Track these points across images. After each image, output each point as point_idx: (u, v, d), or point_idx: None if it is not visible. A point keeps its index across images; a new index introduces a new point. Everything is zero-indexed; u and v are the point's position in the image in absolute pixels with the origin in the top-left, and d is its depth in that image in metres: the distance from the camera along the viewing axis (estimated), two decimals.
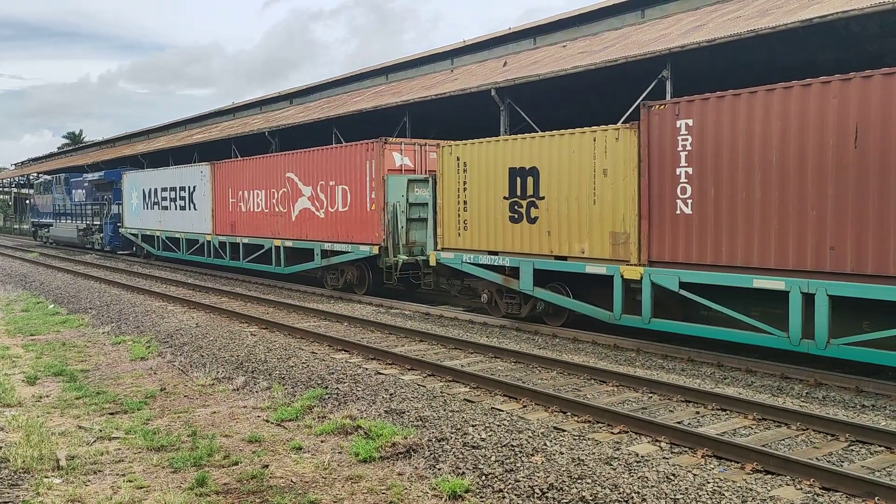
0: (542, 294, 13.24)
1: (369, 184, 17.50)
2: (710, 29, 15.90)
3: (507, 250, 13.69)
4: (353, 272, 18.57)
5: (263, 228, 21.90)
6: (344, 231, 18.47)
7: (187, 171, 26.71)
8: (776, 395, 9.08)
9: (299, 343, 12.64)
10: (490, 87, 18.94)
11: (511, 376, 10.06)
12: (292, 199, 20.52)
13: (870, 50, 14.99)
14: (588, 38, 21.88)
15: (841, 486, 6.07)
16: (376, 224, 17.32)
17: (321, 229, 19.32)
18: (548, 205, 12.95)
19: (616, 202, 11.88)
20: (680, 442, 7.22)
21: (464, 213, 14.55)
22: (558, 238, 12.81)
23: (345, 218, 18.42)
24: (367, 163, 17.56)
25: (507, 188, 13.65)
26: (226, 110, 43.29)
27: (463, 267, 14.57)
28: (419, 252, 17.28)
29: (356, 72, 34.17)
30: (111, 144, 56.86)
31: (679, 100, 11.09)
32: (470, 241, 14.46)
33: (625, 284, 11.71)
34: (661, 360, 11.05)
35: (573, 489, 6.12)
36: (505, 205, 13.72)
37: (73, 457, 7.26)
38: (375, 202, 17.34)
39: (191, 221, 26.14)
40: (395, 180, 17.33)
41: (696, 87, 16.76)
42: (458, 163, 14.62)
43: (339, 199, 18.62)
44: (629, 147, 11.64)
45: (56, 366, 11.40)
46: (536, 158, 13.12)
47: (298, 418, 8.53)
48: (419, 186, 17.42)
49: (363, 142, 17.79)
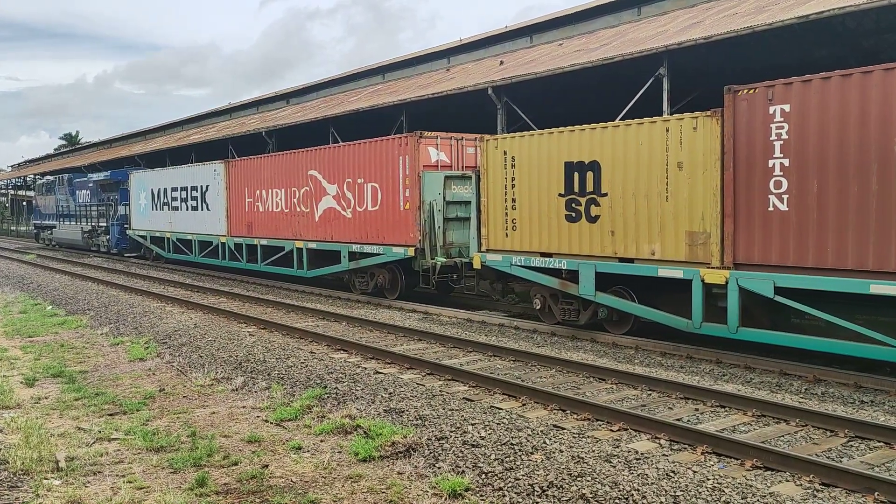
0: (605, 300, 12.13)
1: (402, 181, 16.45)
2: (706, 26, 15.90)
3: (563, 252, 12.65)
4: (384, 275, 17.52)
5: (284, 229, 20.87)
6: (374, 232, 17.44)
7: (199, 169, 25.66)
8: (775, 391, 9.09)
9: (298, 343, 12.64)
10: (487, 86, 18.94)
11: (510, 375, 10.07)
12: (315, 198, 19.49)
13: (865, 46, 15.01)
14: (584, 35, 21.88)
15: (840, 481, 6.09)
16: (411, 224, 16.29)
17: (348, 230, 18.30)
18: (611, 202, 11.91)
19: (693, 198, 10.85)
20: (679, 439, 7.23)
21: (512, 211, 13.51)
22: (623, 238, 11.78)
23: (375, 218, 17.38)
24: (400, 158, 16.47)
25: (562, 184, 12.60)
26: (223, 110, 43.25)
27: (512, 270, 13.52)
28: (457, 253, 16.34)
29: (353, 71, 34.15)
30: (108, 145, 56.78)
31: (773, 83, 9.92)
32: (519, 242, 13.44)
33: (705, 289, 10.65)
34: (659, 358, 11.06)
35: (573, 487, 6.12)
36: (560, 202, 12.66)
37: (72, 458, 7.25)
38: (410, 201, 16.29)
39: (203, 222, 25.16)
40: (432, 177, 16.24)
41: (694, 84, 16.80)
42: (505, 157, 13.57)
43: (369, 198, 17.56)
44: (710, 137, 10.57)
45: (55, 367, 11.38)
46: (597, 151, 12.07)
47: (298, 418, 8.53)
48: (457, 183, 16.49)
49: (395, 136, 16.83)
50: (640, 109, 15.67)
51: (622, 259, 11.89)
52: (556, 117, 18.42)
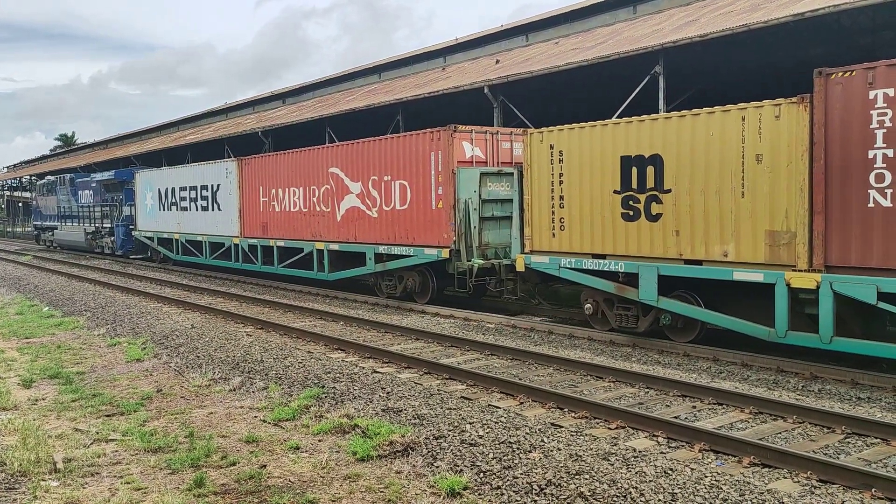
0: (670, 305, 11.20)
1: (435, 178, 15.51)
2: (702, 24, 15.92)
3: (618, 253, 11.78)
4: (414, 278, 16.51)
5: (302, 230, 19.83)
6: (403, 232, 16.47)
7: (210, 168, 24.73)
8: (772, 388, 9.11)
9: (295, 343, 12.63)
10: (483, 85, 18.94)
11: (508, 373, 10.07)
12: (337, 196, 18.46)
13: (861, 43, 15.05)
14: (580, 34, 21.89)
15: (838, 478, 6.10)
16: (444, 224, 15.35)
17: (374, 230, 17.29)
18: (675, 199, 11.01)
19: (775, 194, 9.88)
20: (677, 436, 7.24)
21: (559, 210, 12.61)
22: (690, 238, 10.87)
23: (404, 217, 16.41)
24: (432, 154, 15.51)
25: (618, 180, 11.71)
26: (218, 110, 43.20)
27: (561, 273, 12.60)
28: (493, 255, 15.46)
29: (349, 70, 34.14)
30: (104, 146, 56.69)
31: (873, 64, 9.00)
32: (568, 243, 12.55)
33: (791, 295, 9.71)
34: (657, 356, 11.07)
35: (571, 485, 6.13)
36: (616, 200, 11.77)
37: (70, 459, 7.24)
38: (443, 199, 15.36)
39: (214, 223, 24.12)
40: (467, 174, 15.27)
41: (690, 82, 16.82)
42: (552, 152, 12.67)
43: (397, 196, 16.55)
44: (795, 126, 9.61)
45: (52, 368, 11.36)
46: (659, 144, 11.16)
47: (295, 418, 8.52)
48: (492, 180, 15.59)
49: (427, 130, 15.80)
50: (637, 107, 15.70)
51: (688, 261, 10.98)
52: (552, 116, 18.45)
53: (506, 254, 15.13)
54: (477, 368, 10.27)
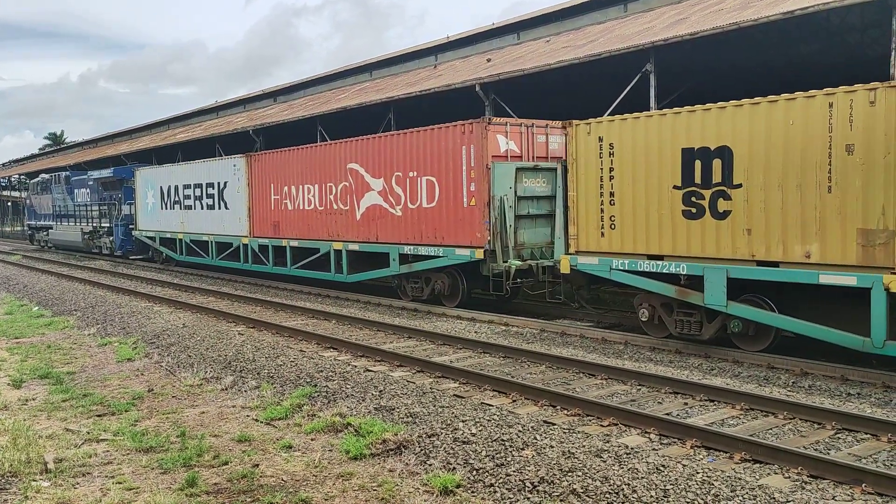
0: (743, 311, 10.30)
1: (466, 174, 14.64)
2: (692, 22, 15.97)
3: (679, 254, 10.92)
4: (442, 280, 15.61)
5: (318, 229, 18.91)
6: (430, 231, 15.56)
7: (216, 164, 23.74)
8: (763, 384, 9.16)
9: (287, 342, 12.61)
10: (475, 83, 18.94)
11: (500, 371, 10.09)
12: (357, 194, 17.52)
13: (850, 41, 15.12)
14: (571, 32, 21.92)
15: (828, 473, 6.14)
16: (477, 223, 14.48)
17: (398, 230, 16.41)
18: (747, 194, 10.10)
19: (870, 189, 8.97)
20: (669, 433, 7.27)
21: (609, 207, 11.77)
22: (764, 237, 9.95)
23: (432, 216, 15.52)
24: (464, 148, 14.65)
25: (678, 174, 10.85)
26: (209, 109, 43.05)
27: (612, 275, 11.77)
28: (529, 255, 14.65)
29: (340, 69, 34.08)
30: (93, 145, 56.39)
31: None
32: (619, 243, 11.70)
33: (890, 300, 8.86)
34: (649, 353, 11.11)
35: (564, 482, 6.15)
36: (676, 196, 10.90)
37: (61, 459, 7.21)
38: (476, 196, 14.50)
39: (221, 222, 23.12)
40: (503, 169, 14.37)
41: (680, 81, 16.87)
42: (601, 144, 11.84)
43: (423, 194, 15.65)
44: (895, 113, 8.73)
45: (42, 368, 11.30)
46: (727, 135, 10.25)
47: (288, 417, 8.51)
48: (528, 176, 14.70)
49: (458, 123, 14.91)
50: (628, 105, 15.73)
51: (761, 262, 10.06)
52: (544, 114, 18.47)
53: (542, 254, 14.60)
54: (469, 366, 10.28)
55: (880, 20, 13.21)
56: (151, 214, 27.64)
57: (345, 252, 17.94)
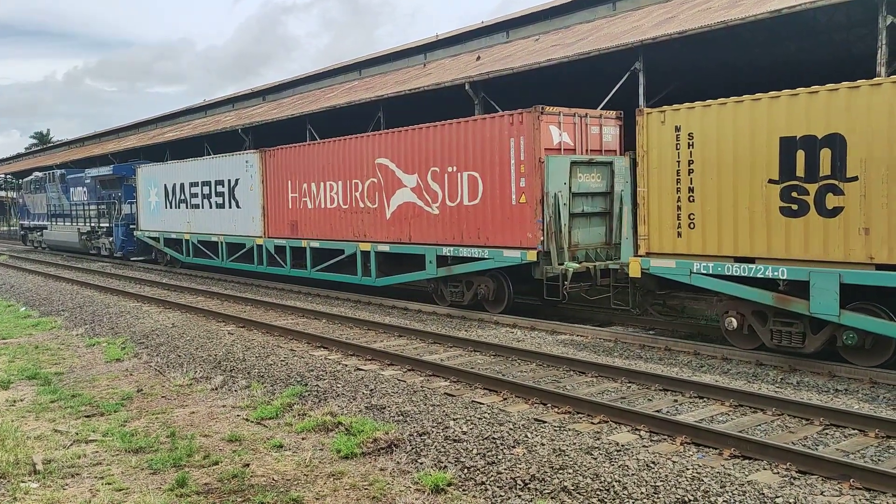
0: (859, 321, 9.15)
1: (515, 168, 13.55)
2: (680, 21, 16.03)
3: (775, 256, 9.77)
4: (487, 284, 14.44)
5: (342, 229, 17.78)
6: (473, 231, 14.47)
7: (226, 161, 22.49)
8: (752, 381, 9.21)
9: (277, 341, 12.57)
10: (464, 81, 18.94)
11: (491, 369, 10.10)
12: (386, 191, 16.40)
13: (837, 40, 15.22)
14: (560, 30, 21.95)
15: (817, 469, 6.18)
16: (528, 222, 13.38)
17: (435, 229, 15.27)
18: (863, 189, 8.97)
19: None
20: (659, 430, 7.30)
21: (688, 204, 10.64)
22: (886, 238, 8.86)
23: (474, 215, 14.42)
24: (512, 141, 13.59)
25: (775, 167, 9.70)
26: (197, 108, 42.85)
27: (693, 280, 10.64)
28: (583, 257, 13.68)
29: (329, 68, 34.01)
30: (80, 144, 56.00)
31: None
32: (700, 244, 10.58)
33: None
34: (638, 350, 11.15)
35: (555, 479, 6.16)
36: (772, 191, 9.75)
37: (49, 460, 7.16)
38: (527, 192, 13.37)
39: (233, 222, 21.92)
40: (557, 163, 13.30)
41: (669, 79, 16.93)
42: (678, 134, 10.72)
43: (465, 190, 14.57)
44: None
45: (29, 369, 11.22)
46: (839, 121, 9.12)
47: (278, 416, 8.49)
48: (583, 171, 13.66)
49: (506, 113, 13.91)
50: (617, 104, 15.79)
51: (881, 266, 8.97)
52: None
53: (597, 255, 13.76)
54: (460, 365, 10.29)
55: (867, 18, 13.30)
56: (155, 214, 26.49)
57: (373, 254, 16.81)
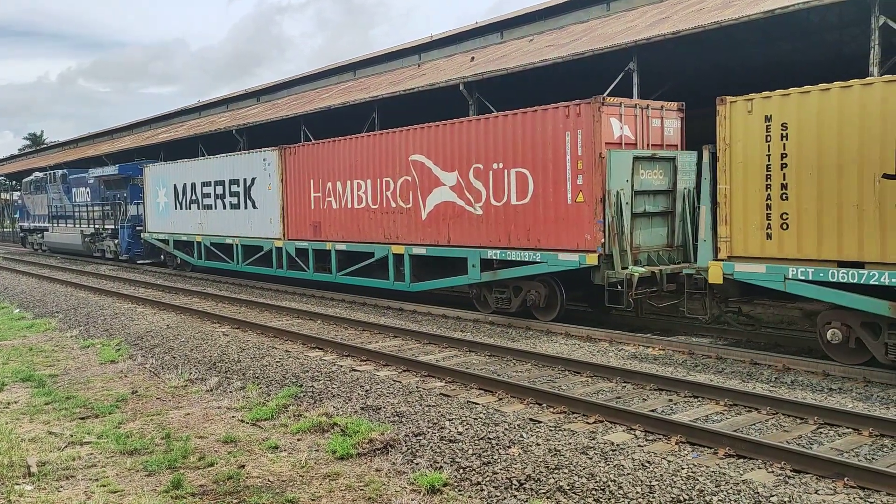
0: None
1: (572, 164, 12.62)
2: (674, 21, 16.07)
3: (891, 261, 8.80)
4: (537, 290, 13.36)
5: (371, 231, 16.84)
6: (521, 233, 13.52)
7: (242, 159, 21.55)
8: (746, 380, 9.24)
9: (272, 342, 12.56)
10: (459, 82, 18.94)
11: (486, 370, 10.11)
12: (422, 190, 15.45)
13: (829, 40, 15.28)
14: (555, 31, 21.98)
15: (811, 467, 6.21)
16: (586, 222, 12.44)
17: (478, 231, 14.31)
18: None
19: None
20: (654, 430, 7.32)
21: (780, 203, 9.68)
22: None
23: (524, 214, 13.47)
24: (568, 134, 12.67)
25: (891, 160, 8.74)
26: (191, 109, 42.77)
27: (787, 287, 9.72)
28: (645, 260, 12.74)
29: (324, 68, 33.98)
30: (74, 145, 55.83)
31: None
32: (794, 247, 9.64)
33: None
34: (633, 350, 11.16)
35: (550, 479, 6.17)
36: (889, 187, 8.77)
37: (44, 463, 7.14)
38: (584, 190, 12.45)
39: (249, 223, 21.02)
40: (620, 159, 12.35)
41: (663, 79, 16.97)
42: (768, 125, 9.74)
43: (512, 189, 13.63)
44: None
45: (23, 371, 11.18)
46: None
47: (274, 417, 8.48)
48: (645, 167, 12.69)
49: (561, 105, 12.91)
50: None
51: None
52: None
53: (659, 258, 12.93)
54: (455, 365, 10.30)
55: (859, 18, 13.36)
56: (163, 215, 25.51)
57: (407, 257, 15.84)
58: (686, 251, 13.19)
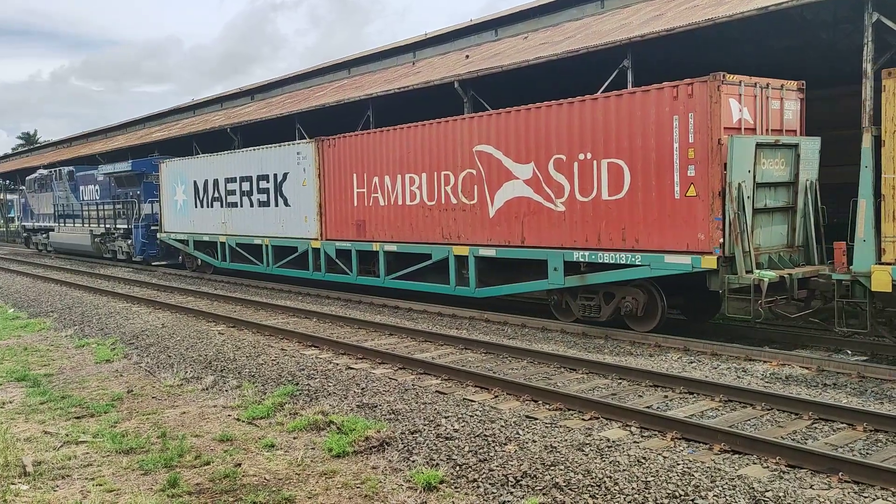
0: None
1: (680, 153, 11.07)
2: (668, 18, 16.09)
3: None
4: (635, 297, 11.85)
5: (426, 230, 15.43)
6: (615, 232, 11.99)
7: (272, 153, 19.97)
8: (741, 376, 9.27)
9: (268, 340, 12.55)
10: (453, 80, 18.93)
11: (482, 367, 10.12)
12: (489, 183, 14.02)
13: (823, 37, 15.31)
14: (549, 28, 21.99)
15: (806, 462, 6.23)
16: (700, 220, 10.90)
17: (559, 230, 12.79)
18: None
19: None
20: (650, 426, 7.34)
21: None
22: None
23: (618, 211, 11.95)
24: (676, 119, 11.10)
25: None
26: (186, 107, 42.68)
27: None
28: (766, 263, 11.10)
29: (318, 66, 33.94)
30: (67, 144, 55.66)
31: None
32: None
33: None
34: (629, 347, 11.19)
35: (546, 476, 6.19)
36: None
37: (39, 462, 7.13)
38: (698, 183, 10.90)
39: (279, 222, 19.60)
40: (742, 146, 10.73)
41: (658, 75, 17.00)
42: None
43: (603, 182, 12.08)
44: None
45: (18, 371, 11.16)
46: None
47: (270, 416, 8.49)
48: (766, 156, 11.07)
49: (666, 85, 11.32)
50: None
51: None
52: None
53: (780, 260, 11.34)
54: (451, 363, 10.30)
55: (853, 15, 13.39)
56: (182, 214, 24.00)
57: (472, 259, 14.37)
58: (808, 252, 11.78)
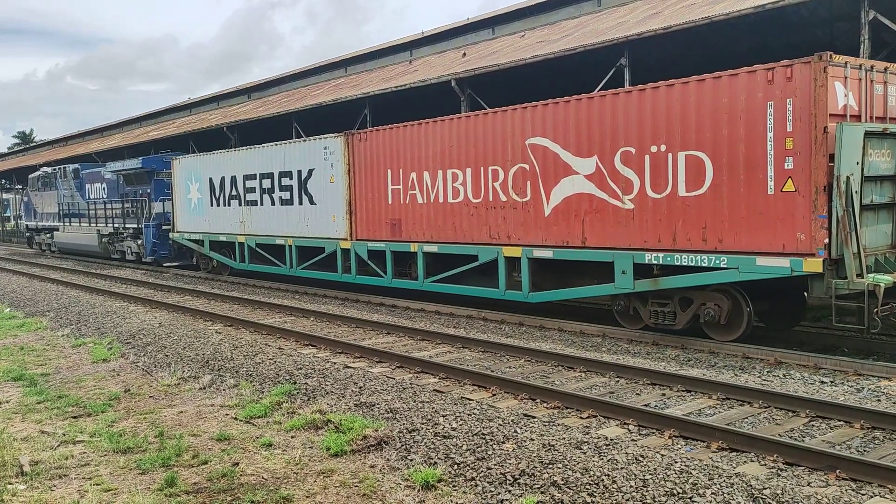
0: None
1: (775, 143, 9.86)
2: (665, 16, 16.10)
3: None
4: (718, 303, 10.78)
5: (471, 230, 14.32)
6: (695, 231, 10.84)
7: (295, 148, 18.89)
8: (738, 374, 9.28)
9: (265, 339, 12.53)
10: (450, 78, 18.93)
11: (480, 365, 10.12)
12: (544, 179, 12.90)
13: (820, 34, 15.34)
14: (546, 27, 21.99)
15: (803, 460, 6.24)
16: (799, 218, 9.73)
17: (627, 229, 11.69)
18: None
19: None
20: (648, 424, 7.34)
21: None
22: None
23: (698, 207, 10.78)
24: (771, 105, 9.88)
25: None
26: (182, 106, 42.63)
27: None
28: (872, 266, 9.83)
29: (315, 65, 33.90)
30: (64, 143, 55.56)
31: None
32: None
33: None
34: (626, 345, 11.20)
35: (545, 474, 6.19)
36: None
37: (36, 462, 7.12)
38: (797, 176, 9.71)
39: (303, 221, 18.49)
40: (851, 134, 9.47)
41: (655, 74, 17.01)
42: None
43: (680, 176, 10.96)
44: None
45: (15, 370, 11.14)
46: None
47: (267, 415, 8.47)
48: (875, 147, 9.83)
49: (758, 68, 10.08)
50: None
51: None
52: None
53: (887, 262, 10.16)
54: (449, 361, 10.30)
55: (849, 13, 13.41)
56: (196, 213, 22.96)
57: (525, 261, 13.24)
58: None
